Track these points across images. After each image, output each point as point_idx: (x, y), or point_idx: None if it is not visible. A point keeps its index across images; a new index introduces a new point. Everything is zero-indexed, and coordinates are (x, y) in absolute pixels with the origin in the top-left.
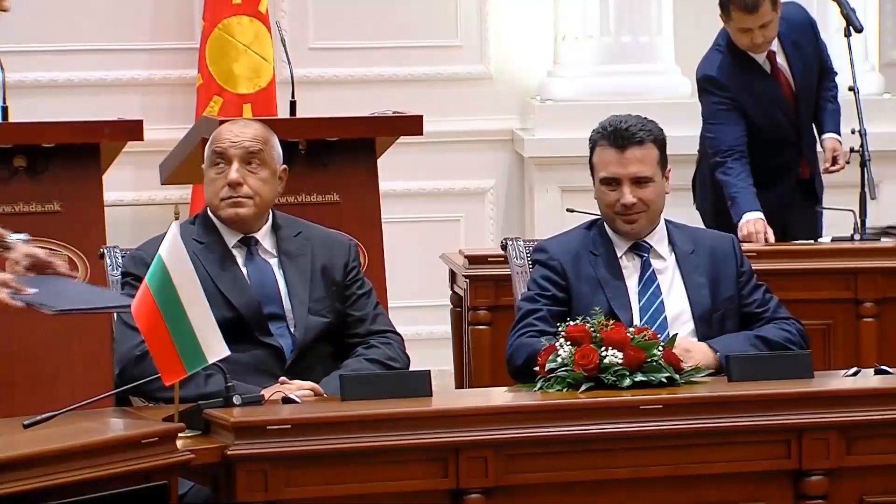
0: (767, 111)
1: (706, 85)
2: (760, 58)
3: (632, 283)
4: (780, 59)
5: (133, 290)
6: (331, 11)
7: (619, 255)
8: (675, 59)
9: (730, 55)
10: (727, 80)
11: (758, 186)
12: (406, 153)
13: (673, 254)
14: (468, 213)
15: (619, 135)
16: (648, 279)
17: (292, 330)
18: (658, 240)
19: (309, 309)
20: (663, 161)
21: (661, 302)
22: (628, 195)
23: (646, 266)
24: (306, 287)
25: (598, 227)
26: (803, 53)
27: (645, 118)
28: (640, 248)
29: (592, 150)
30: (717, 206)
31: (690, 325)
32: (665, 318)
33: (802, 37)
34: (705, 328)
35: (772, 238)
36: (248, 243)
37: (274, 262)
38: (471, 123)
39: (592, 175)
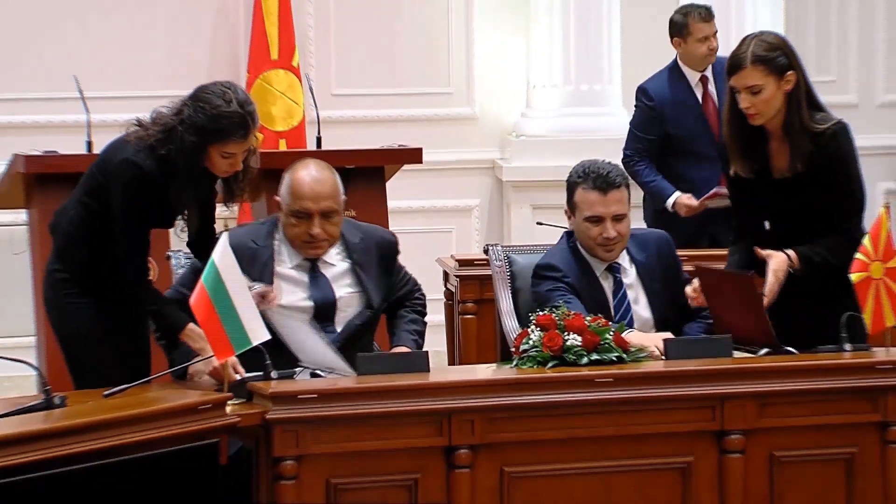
0: (690, 125)
1: (638, 94)
2: (694, 79)
3: (609, 299)
4: (711, 88)
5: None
6: (349, 65)
7: (597, 274)
8: (623, 103)
9: (668, 73)
10: (655, 91)
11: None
12: (409, 178)
13: (633, 265)
14: (458, 225)
15: (602, 180)
16: (622, 296)
17: (338, 329)
18: (622, 257)
19: (356, 317)
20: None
21: (632, 317)
22: (611, 230)
23: (619, 285)
24: (376, 291)
25: (573, 251)
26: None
27: (613, 164)
28: (613, 270)
29: (573, 190)
30: (655, 216)
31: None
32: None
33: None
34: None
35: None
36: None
37: (345, 266)
38: (460, 154)
39: (572, 211)
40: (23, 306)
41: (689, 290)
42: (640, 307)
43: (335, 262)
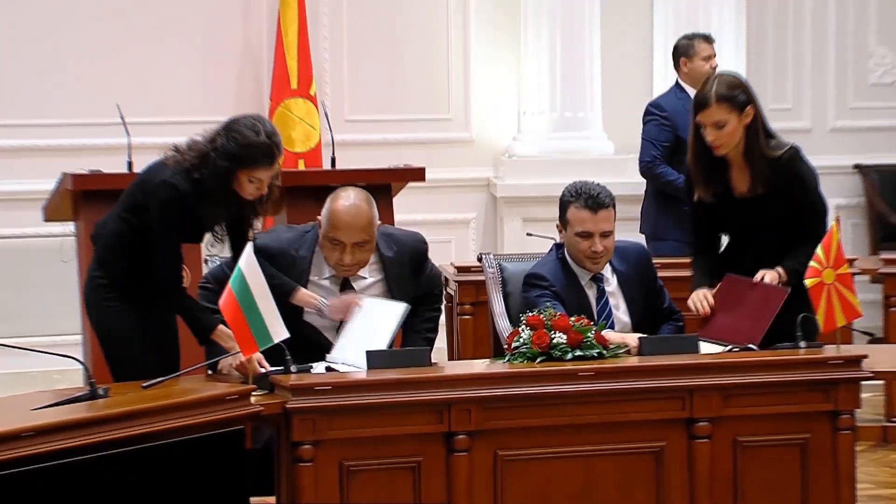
0: None
1: (650, 109)
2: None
3: (593, 305)
4: None
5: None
6: (360, 94)
7: (582, 284)
8: (603, 128)
9: (674, 91)
10: (666, 104)
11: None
12: (413, 194)
13: (615, 275)
14: (457, 236)
15: (593, 200)
16: (604, 303)
17: None
18: (605, 268)
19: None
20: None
21: (613, 322)
22: (599, 245)
23: (601, 293)
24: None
25: (562, 262)
26: None
27: (602, 185)
28: (597, 279)
29: (566, 207)
30: (656, 225)
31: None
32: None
33: None
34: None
35: None
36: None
37: (377, 278)
38: (458, 173)
39: (564, 226)
40: (71, 308)
41: (706, 301)
42: (621, 312)
43: (367, 276)
